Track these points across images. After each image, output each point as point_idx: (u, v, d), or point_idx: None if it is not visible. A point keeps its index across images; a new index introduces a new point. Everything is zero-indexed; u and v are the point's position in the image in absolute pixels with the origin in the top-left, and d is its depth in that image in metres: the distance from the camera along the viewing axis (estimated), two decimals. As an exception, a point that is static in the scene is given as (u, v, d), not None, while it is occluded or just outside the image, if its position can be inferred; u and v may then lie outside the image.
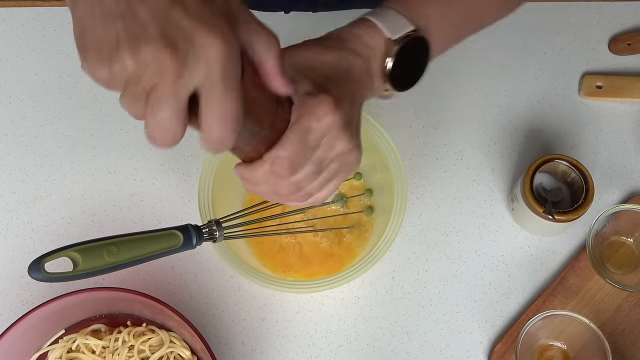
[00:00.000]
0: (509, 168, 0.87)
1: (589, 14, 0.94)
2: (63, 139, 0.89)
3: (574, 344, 0.77)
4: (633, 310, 0.80)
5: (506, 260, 0.84)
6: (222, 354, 0.80)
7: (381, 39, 0.57)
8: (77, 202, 0.86)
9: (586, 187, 0.78)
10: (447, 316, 0.81)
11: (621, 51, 0.92)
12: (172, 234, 0.61)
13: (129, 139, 0.89)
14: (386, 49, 0.57)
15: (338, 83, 0.53)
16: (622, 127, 0.89)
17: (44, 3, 0.95)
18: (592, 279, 0.81)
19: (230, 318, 0.81)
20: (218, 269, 0.83)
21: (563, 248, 0.84)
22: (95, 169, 0.87)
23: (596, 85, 0.90)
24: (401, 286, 0.83)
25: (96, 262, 0.57)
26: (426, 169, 0.88)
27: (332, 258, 0.81)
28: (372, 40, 0.57)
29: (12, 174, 0.87)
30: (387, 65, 0.58)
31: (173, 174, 0.87)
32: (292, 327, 0.81)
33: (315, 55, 0.54)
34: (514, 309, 0.82)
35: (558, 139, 0.89)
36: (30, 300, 0.82)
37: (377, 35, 0.57)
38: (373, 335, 0.81)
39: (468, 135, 0.89)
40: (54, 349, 0.76)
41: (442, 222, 0.85)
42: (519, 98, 0.91)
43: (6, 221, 0.85)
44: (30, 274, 0.57)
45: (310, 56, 0.54)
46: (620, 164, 0.87)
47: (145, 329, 0.77)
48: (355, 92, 0.56)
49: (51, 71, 0.92)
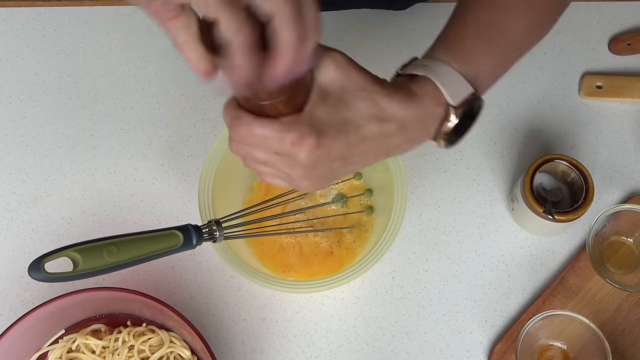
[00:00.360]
0: (509, 168, 0.87)
1: (589, 14, 0.94)
2: (63, 139, 0.89)
3: (574, 344, 0.77)
4: (633, 310, 0.80)
5: (506, 260, 0.84)
6: (222, 354, 0.80)
7: (442, 105, 0.55)
8: (77, 202, 0.86)
9: (586, 187, 0.78)
10: (447, 316, 0.81)
11: (621, 51, 0.92)
12: (172, 234, 0.61)
13: (129, 139, 0.89)
14: (446, 113, 0.56)
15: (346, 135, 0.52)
16: (622, 127, 0.89)
17: (44, 3, 0.95)
18: (592, 279, 0.81)
19: (230, 318, 0.81)
20: (218, 269, 0.83)
21: (563, 248, 0.84)
22: (95, 169, 0.87)
23: (596, 85, 0.90)
24: (401, 286, 0.83)
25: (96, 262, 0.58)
26: (426, 169, 0.88)
27: (332, 258, 0.81)
28: (433, 108, 0.55)
29: (12, 174, 0.87)
30: (447, 130, 0.56)
31: (173, 174, 0.87)
32: (292, 327, 0.81)
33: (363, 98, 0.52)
34: (514, 309, 0.82)
35: (558, 139, 0.89)
36: (30, 300, 0.82)
37: (439, 100, 0.55)
38: (373, 335, 0.81)
39: (468, 135, 0.89)
40: (54, 349, 0.76)
41: (442, 222, 0.85)
42: (519, 98, 0.91)
43: (6, 221, 0.85)
44: (30, 274, 0.57)
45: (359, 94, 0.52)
46: (620, 164, 0.87)
47: (145, 329, 0.77)
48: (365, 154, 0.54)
49: (51, 71, 0.92)
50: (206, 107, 0.89)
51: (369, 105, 0.52)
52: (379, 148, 0.54)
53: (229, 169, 0.78)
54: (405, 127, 0.54)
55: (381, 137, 0.53)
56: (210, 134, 0.88)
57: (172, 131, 0.89)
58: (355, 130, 0.52)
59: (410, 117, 0.54)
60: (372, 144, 0.53)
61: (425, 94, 0.54)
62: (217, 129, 0.88)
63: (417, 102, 0.54)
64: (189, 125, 0.89)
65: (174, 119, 0.90)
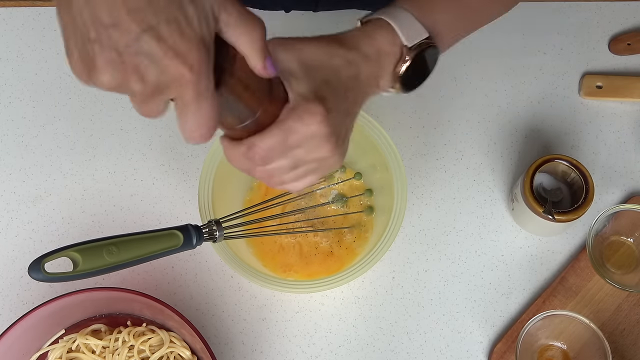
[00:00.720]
0: (509, 168, 0.87)
1: (589, 14, 0.94)
2: (63, 139, 0.89)
3: (574, 344, 0.77)
4: (633, 310, 0.80)
5: (506, 260, 0.84)
6: (222, 354, 0.80)
7: (397, 45, 0.58)
8: (77, 202, 0.86)
9: (586, 187, 0.78)
10: (447, 316, 0.81)
11: (621, 51, 0.92)
12: (172, 234, 0.61)
13: (129, 139, 0.89)
14: (400, 54, 0.58)
15: (336, 91, 0.54)
16: (622, 127, 0.89)
17: (44, 3, 0.95)
18: (592, 279, 0.81)
19: (230, 318, 0.81)
20: (218, 269, 0.83)
21: (563, 248, 0.84)
22: (95, 169, 0.87)
23: (596, 85, 0.90)
24: (401, 286, 0.83)
25: (96, 262, 0.57)
26: (426, 169, 0.88)
27: (332, 258, 0.81)
28: (387, 46, 0.58)
29: (12, 174, 0.87)
30: (400, 70, 0.59)
31: (173, 174, 0.87)
32: (292, 327, 0.81)
33: (323, 56, 0.54)
34: (514, 309, 0.82)
35: (558, 139, 0.89)
36: (30, 300, 0.82)
37: (394, 40, 0.58)
38: (373, 335, 0.81)
39: (468, 135, 0.89)
40: (54, 349, 0.76)
41: (442, 222, 0.85)
42: (519, 98, 0.91)
43: (6, 221, 0.85)
44: (30, 274, 0.57)
45: (318, 56, 0.54)
46: (620, 164, 0.87)
47: (145, 329, 0.77)
48: (355, 100, 0.56)
49: (51, 71, 0.92)
50: (206, 107, 0.89)
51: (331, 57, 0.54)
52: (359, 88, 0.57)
53: (229, 169, 0.77)
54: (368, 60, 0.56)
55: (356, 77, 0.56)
56: (210, 134, 0.88)
57: (172, 131, 0.89)
58: (338, 81, 0.54)
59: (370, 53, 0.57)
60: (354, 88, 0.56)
61: (379, 34, 0.58)
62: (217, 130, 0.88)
63: (369, 39, 0.57)
64: (189, 125, 0.89)
65: (174, 119, 0.89)
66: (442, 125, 0.89)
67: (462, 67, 0.92)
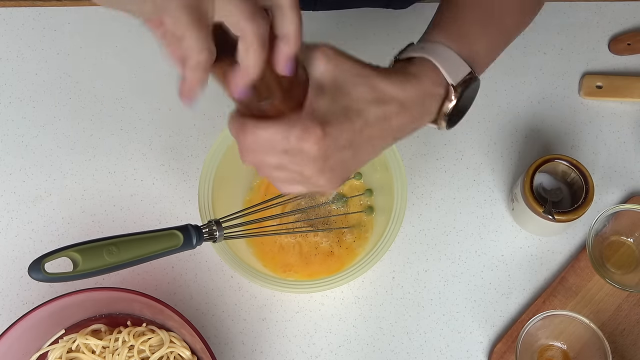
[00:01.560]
0: (509, 168, 0.87)
1: (589, 14, 0.94)
2: (63, 139, 0.89)
3: (574, 344, 0.77)
4: (633, 310, 0.80)
5: (506, 260, 0.84)
6: (222, 354, 0.80)
7: (442, 86, 0.56)
8: (77, 202, 0.86)
9: (586, 187, 0.78)
10: (447, 316, 0.81)
11: (621, 51, 0.92)
12: (172, 234, 0.62)
13: (129, 139, 0.89)
14: (446, 93, 0.57)
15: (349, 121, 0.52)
16: (622, 127, 0.89)
17: (44, 3, 0.95)
18: (592, 279, 0.81)
19: (230, 318, 0.81)
20: (218, 269, 0.83)
21: (563, 248, 0.84)
22: (95, 169, 0.87)
23: (596, 85, 0.90)
24: (401, 286, 0.83)
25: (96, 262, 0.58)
26: (426, 169, 0.88)
27: (332, 258, 0.81)
28: (434, 88, 0.56)
29: (12, 174, 0.87)
30: (447, 110, 0.57)
31: (173, 174, 0.87)
32: (292, 327, 0.81)
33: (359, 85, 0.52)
34: (514, 309, 0.82)
35: (558, 139, 0.89)
36: (30, 300, 0.82)
37: (439, 81, 0.56)
38: (373, 335, 0.81)
39: (468, 135, 0.89)
40: (54, 349, 0.76)
41: (442, 222, 0.85)
42: (519, 98, 0.91)
43: (6, 221, 0.85)
44: (30, 274, 0.57)
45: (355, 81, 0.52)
46: (620, 164, 0.87)
47: (145, 329, 0.77)
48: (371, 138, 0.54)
49: (51, 71, 0.92)
50: (206, 106, 0.89)
51: (366, 89, 0.53)
52: (384, 131, 0.54)
53: (229, 169, 0.78)
54: (405, 107, 0.54)
55: (384, 119, 0.53)
56: (210, 134, 0.88)
57: (172, 131, 0.89)
58: (358, 115, 0.52)
59: (409, 97, 0.54)
60: (376, 127, 0.53)
61: (424, 74, 0.55)
62: (217, 129, 0.88)
63: (416, 81, 0.55)
64: (189, 126, 0.89)
65: (174, 119, 0.90)
66: (442, 125, 0.89)
67: (462, 67, 0.92)
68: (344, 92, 0.52)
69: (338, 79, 0.52)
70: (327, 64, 0.52)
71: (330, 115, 0.51)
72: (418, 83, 0.55)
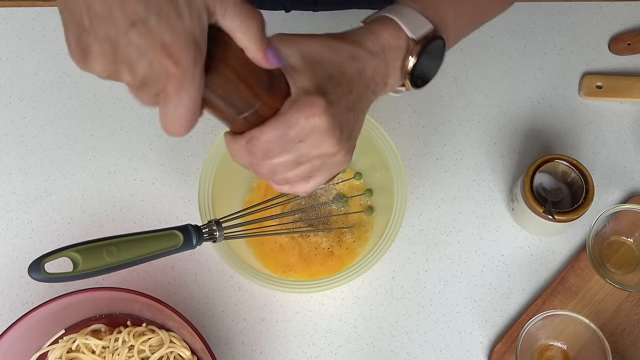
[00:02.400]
0: (509, 168, 0.87)
1: (589, 14, 0.94)
2: (63, 139, 0.89)
3: (574, 344, 0.77)
4: (633, 310, 0.80)
5: (506, 260, 0.84)
6: (222, 354, 0.80)
7: (403, 39, 0.57)
8: (77, 202, 0.86)
9: (586, 187, 0.78)
10: (447, 316, 0.81)
11: (621, 51, 0.92)
12: (172, 234, 0.61)
13: (129, 139, 0.89)
14: (407, 48, 0.58)
15: (339, 85, 0.53)
16: (622, 127, 0.89)
17: (44, 3, 0.95)
18: (592, 279, 0.81)
19: (230, 318, 0.81)
20: (218, 269, 0.83)
21: (563, 248, 0.84)
22: (95, 169, 0.87)
23: (596, 85, 0.90)
24: (401, 286, 0.83)
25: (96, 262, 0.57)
26: (426, 169, 0.88)
27: (333, 258, 0.81)
28: (393, 40, 0.57)
29: (12, 174, 0.87)
30: (409, 64, 0.58)
31: (173, 174, 0.87)
32: (292, 327, 0.81)
33: (326, 51, 0.54)
34: (514, 309, 0.82)
35: (558, 139, 0.89)
36: (30, 300, 0.82)
37: (399, 34, 0.57)
38: (373, 335, 0.81)
39: (468, 135, 0.89)
40: (54, 349, 0.76)
41: (442, 222, 0.85)
42: (519, 98, 0.91)
43: (6, 221, 0.85)
44: (30, 274, 0.57)
45: (321, 50, 0.54)
46: (620, 164, 0.87)
47: (145, 329, 0.77)
48: (360, 96, 0.55)
49: (51, 71, 0.92)
50: (206, 107, 0.89)
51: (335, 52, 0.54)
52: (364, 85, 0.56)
53: (229, 169, 0.78)
54: (373, 56, 0.56)
55: (360, 73, 0.55)
56: (210, 134, 0.88)
57: (172, 131, 0.89)
58: (342, 76, 0.53)
59: (375, 48, 0.56)
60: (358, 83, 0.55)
61: (383, 29, 0.57)
62: (217, 129, 0.88)
63: (374, 36, 0.57)
64: (189, 125, 0.89)
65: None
66: (442, 125, 0.89)
67: (462, 67, 0.92)
68: (317, 63, 0.53)
69: (305, 55, 0.53)
70: (289, 47, 0.52)
71: (320, 86, 0.52)
72: (376, 37, 0.56)
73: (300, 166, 0.53)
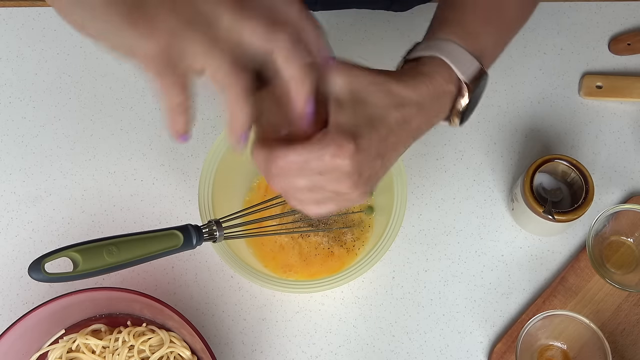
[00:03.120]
0: (509, 168, 0.87)
1: (589, 14, 0.94)
2: (63, 139, 0.89)
3: (574, 344, 0.77)
4: (633, 310, 0.80)
5: (506, 260, 0.84)
6: (222, 354, 0.80)
7: (454, 83, 0.57)
8: (77, 202, 0.86)
9: (586, 187, 0.78)
10: (447, 316, 0.81)
11: (621, 51, 0.92)
12: (172, 234, 0.62)
13: (129, 139, 0.89)
14: (458, 90, 0.57)
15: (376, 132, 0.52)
16: (622, 127, 0.89)
17: (44, 3, 0.95)
18: (592, 279, 0.81)
19: (230, 318, 0.81)
20: (218, 269, 0.83)
21: (563, 248, 0.84)
22: (95, 169, 0.87)
23: (596, 85, 0.90)
24: (401, 286, 0.83)
25: (96, 262, 0.58)
26: (426, 169, 0.88)
27: (333, 258, 0.81)
28: (447, 85, 0.56)
29: (12, 174, 0.87)
30: (461, 107, 0.58)
31: (173, 174, 0.87)
32: (292, 327, 0.81)
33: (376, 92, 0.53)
34: (514, 309, 0.82)
35: (558, 139, 0.89)
36: (30, 300, 0.82)
37: (451, 78, 0.56)
38: (373, 335, 0.81)
39: (468, 135, 0.89)
40: (54, 349, 0.76)
41: (442, 222, 0.85)
42: (519, 98, 0.91)
43: (6, 221, 0.85)
44: (31, 274, 0.57)
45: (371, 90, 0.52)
46: (620, 164, 0.87)
47: (145, 329, 0.77)
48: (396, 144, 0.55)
49: (51, 71, 0.92)
50: (206, 107, 0.89)
51: (384, 95, 0.53)
52: (405, 134, 0.55)
53: (229, 169, 0.78)
54: (422, 106, 0.55)
55: (404, 122, 0.54)
56: (210, 134, 0.88)
57: (172, 131, 0.89)
58: (381, 123, 0.52)
59: (424, 96, 0.55)
60: (398, 131, 0.54)
61: (435, 72, 0.56)
62: (217, 129, 0.88)
63: (429, 80, 0.55)
64: (189, 125, 0.89)
65: (174, 119, 0.89)
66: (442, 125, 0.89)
67: (462, 67, 0.92)
68: (363, 103, 0.52)
69: (354, 91, 0.52)
70: (342, 77, 0.52)
71: (357, 128, 0.51)
72: (431, 82, 0.55)
73: (312, 193, 0.53)
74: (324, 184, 0.52)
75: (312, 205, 0.55)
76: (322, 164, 0.51)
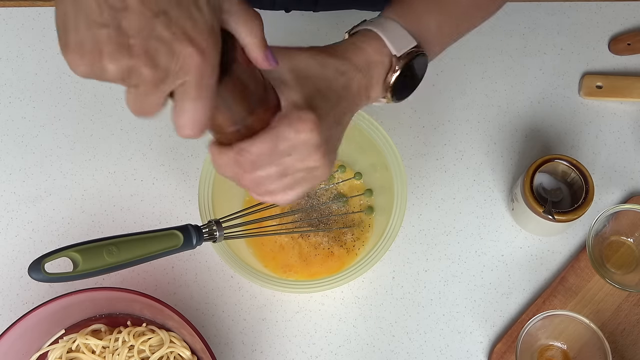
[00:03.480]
0: (509, 168, 0.87)
1: (589, 14, 0.94)
2: (63, 139, 0.89)
3: (574, 344, 0.77)
4: (633, 310, 0.80)
5: (506, 260, 0.84)
6: (222, 354, 0.80)
7: (386, 55, 0.59)
8: (77, 202, 0.86)
9: (586, 187, 0.78)
10: (447, 316, 0.81)
11: (621, 51, 0.92)
12: (172, 234, 0.61)
13: (129, 139, 0.89)
14: (390, 64, 0.59)
15: (328, 100, 0.54)
16: (622, 127, 0.89)
17: (44, 3, 0.95)
18: (592, 279, 0.81)
19: (230, 318, 0.81)
20: (218, 269, 0.83)
21: (563, 248, 0.84)
22: (95, 169, 0.87)
23: (596, 85, 0.90)
24: (401, 286, 0.83)
25: (96, 262, 0.58)
26: (426, 169, 0.88)
27: (333, 258, 0.81)
28: (377, 56, 0.59)
29: (12, 174, 0.87)
30: (391, 80, 0.60)
31: (173, 174, 0.87)
32: (292, 327, 0.81)
33: (315, 66, 0.55)
34: (514, 309, 0.82)
35: (558, 139, 0.89)
36: (30, 300, 0.82)
37: (382, 50, 0.59)
38: (373, 335, 0.81)
39: (468, 135, 0.89)
40: (54, 349, 0.76)
41: (442, 222, 0.85)
42: (519, 98, 0.91)
43: (6, 221, 0.85)
44: (31, 274, 0.57)
45: (310, 65, 0.55)
46: (620, 164, 0.87)
47: (145, 329, 0.77)
48: (345, 110, 0.57)
49: (51, 71, 0.92)
50: (206, 107, 0.89)
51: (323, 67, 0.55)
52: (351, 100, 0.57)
53: (229, 169, 0.77)
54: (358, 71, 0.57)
55: (347, 87, 0.56)
56: (209, 134, 0.88)
57: (172, 131, 0.88)
58: (329, 90, 0.55)
59: (359, 63, 0.57)
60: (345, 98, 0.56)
61: (367, 44, 0.59)
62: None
63: (360, 51, 0.58)
64: (189, 125, 0.89)
65: (174, 119, 0.89)
66: (442, 125, 0.89)
67: (462, 67, 0.92)
68: (306, 78, 0.54)
69: (295, 69, 0.54)
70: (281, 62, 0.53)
71: (310, 100, 0.53)
72: (361, 52, 0.58)
73: (283, 178, 0.54)
74: (294, 164, 0.53)
75: (283, 192, 0.55)
76: (290, 143, 0.51)
